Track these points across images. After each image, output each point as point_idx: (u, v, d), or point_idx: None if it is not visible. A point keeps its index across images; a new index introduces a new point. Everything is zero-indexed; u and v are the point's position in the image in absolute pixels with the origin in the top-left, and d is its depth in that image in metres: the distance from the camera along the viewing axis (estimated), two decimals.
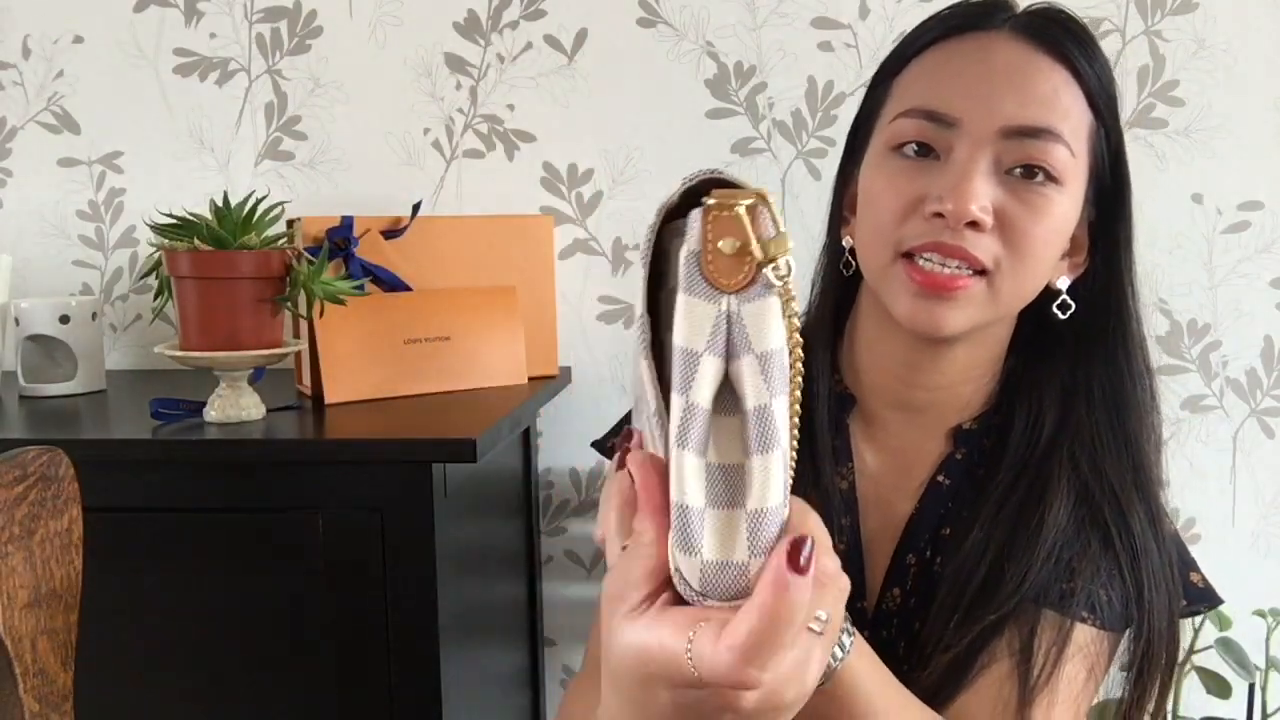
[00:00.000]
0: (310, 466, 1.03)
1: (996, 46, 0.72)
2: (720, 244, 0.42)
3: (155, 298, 1.12)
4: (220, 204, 1.07)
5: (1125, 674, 0.77)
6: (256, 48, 1.51)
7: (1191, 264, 1.45)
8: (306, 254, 1.13)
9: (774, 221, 0.42)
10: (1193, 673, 1.27)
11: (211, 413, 1.10)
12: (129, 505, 1.03)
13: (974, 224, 0.70)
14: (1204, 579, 0.83)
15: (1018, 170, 0.71)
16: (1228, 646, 1.25)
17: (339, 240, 1.22)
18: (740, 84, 1.46)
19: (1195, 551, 1.46)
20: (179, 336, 1.09)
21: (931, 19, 0.77)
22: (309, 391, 1.25)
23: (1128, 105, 1.43)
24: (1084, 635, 0.74)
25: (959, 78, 0.72)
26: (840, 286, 0.86)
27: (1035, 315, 0.80)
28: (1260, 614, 1.30)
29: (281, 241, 1.11)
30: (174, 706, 1.05)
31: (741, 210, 0.42)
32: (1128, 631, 0.76)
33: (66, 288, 1.56)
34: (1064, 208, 0.73)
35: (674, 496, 0.42)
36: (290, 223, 1.26)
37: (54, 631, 0.74)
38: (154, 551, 1.04)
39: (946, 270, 0.72)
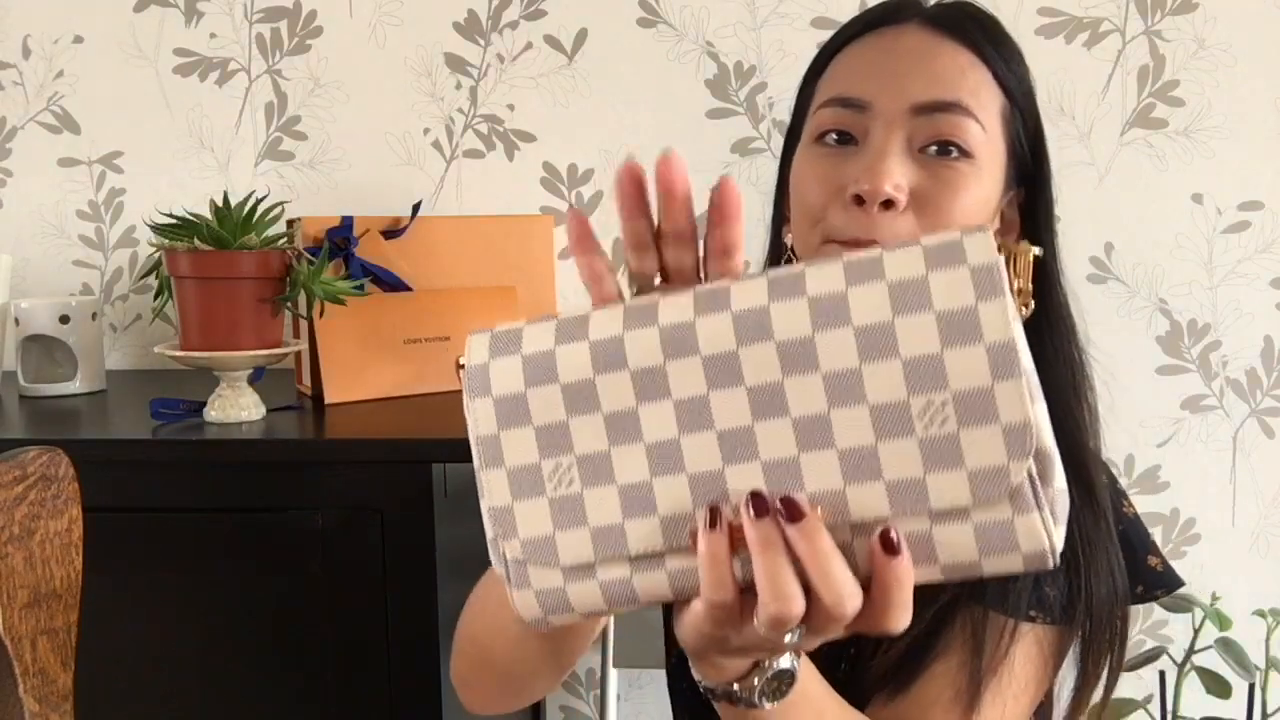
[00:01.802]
0: (310, 466, 1.03)
1: (905, 35, 0.76)
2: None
3: (155, 298, 1.12)
4: (220, 204, 1.07)
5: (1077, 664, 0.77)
6: (256, 48, 1.51)
7: (1191, 264, 1.45)
8: (306, 254, 1.13)
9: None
10: (1193, 673, 1.27)
11: (211, 413, 1.10)
12: (129, 505, 1.03)
13: (890, 203, 0.72)
14: (1163, 563, 0.83)
15: (932, 148, 0.73)
16: (1228, 646, 1.25)
17: (339, 240, 1.22)
18: (740, 84, 1.46)
19: (1195, 551, 1.48)
20: (179, 336, 1.09)
21: (847, 23, 0.81)
22: (309, 391, 1.25)
23: (1128, 105, 1.43)
24: (1033, 631, 0.75)
25: (870, 65, 0.76)
26: None
27: None
28: (1260, 614, 1.30)
29: (281, 241, 1.11)
30: (174, 706, 1.05)
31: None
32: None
33: (66, 288, 1.56)
34: (980, 183, 0.75)
35: None
36: (290, 223, 1.26)
37: (54, 631, 0.74)
38: (154, 551, 1.04)
39: None
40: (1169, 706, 1.30)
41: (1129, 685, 1.42)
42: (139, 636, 1.04)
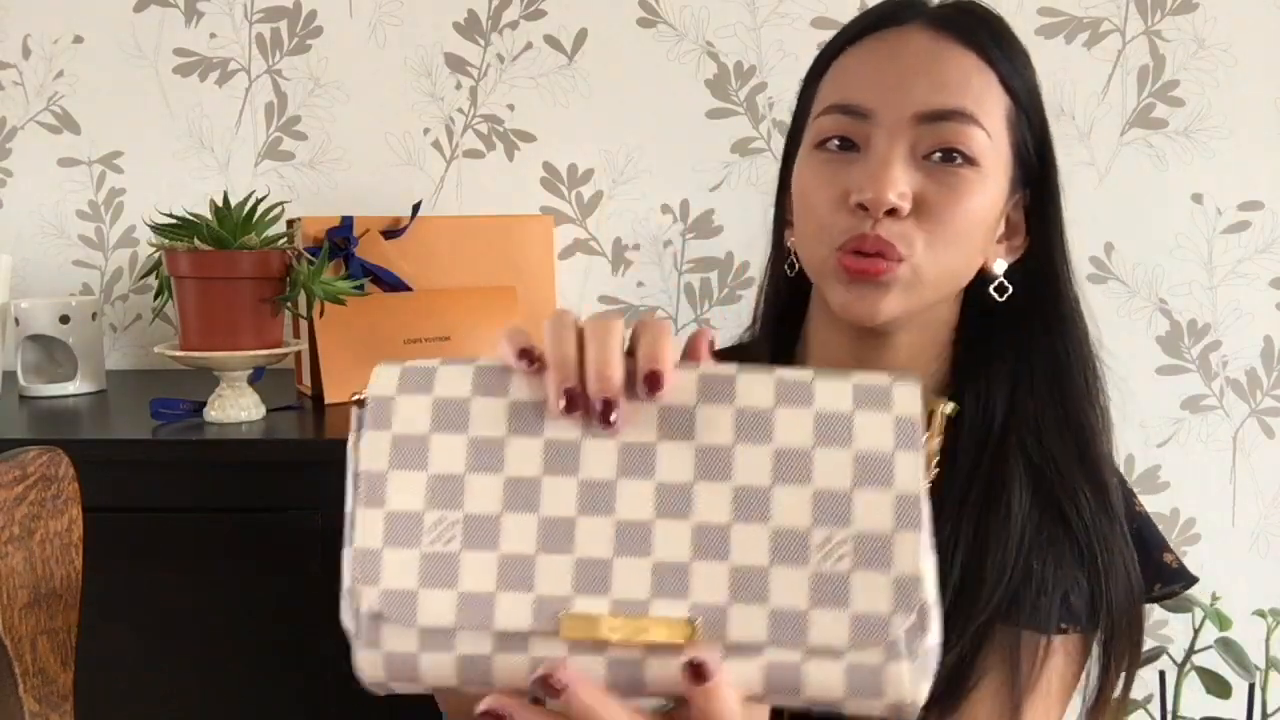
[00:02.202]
0: (310, 466, 1.03)
1: (908, 39, 0.75)
2: None
3: (155, 298, 1.12)
4: (220, 204, 1.07)
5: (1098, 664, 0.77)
6: (256, 48, 1.51)
7: (1191, 264, 1.45)
8: (306, 254, 1.13)
9: None
10: (1193, 673, 1.27)
11: (211, 413, 1.10)
12: (129, 505, 1.03)
13: (893, 211, 0.72)
14: (1177, 559, 0.83)
15: (935, 155, 0.73)
16: (1228, 646, 1.25)
17: (339, 240, 1.22)
18: (740, 84, 1.46)
19: (1195, 551, 1.48)
20: (179, 336, 1.09)
21: (849, 23, 0.79)
22: (309, 391, 1.25)
23: (1128, 105, 1.43)
24: (1063, 643, 0.75)
25: (873, 71, 0.75)
26: (789, 289, 0.86)
27: (979, 299, 0.80)
28: (1260, 614, 1.30)
29: (281, 241, 1.11)
30: (174, 706, 1.05)
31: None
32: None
33: (66, 288, 1.56)
34: (984, 189, 0.74)
35: None
36: (290, 223, 1.26)
37: (54, 631, 0.74)
38: (154, 551, 1.04)
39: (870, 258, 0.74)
40: (1169, 706, 1.30)
41: None
42: (139, 636, 1.04)
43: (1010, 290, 0.79)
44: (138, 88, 1.53)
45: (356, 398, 0.53)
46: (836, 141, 0.75)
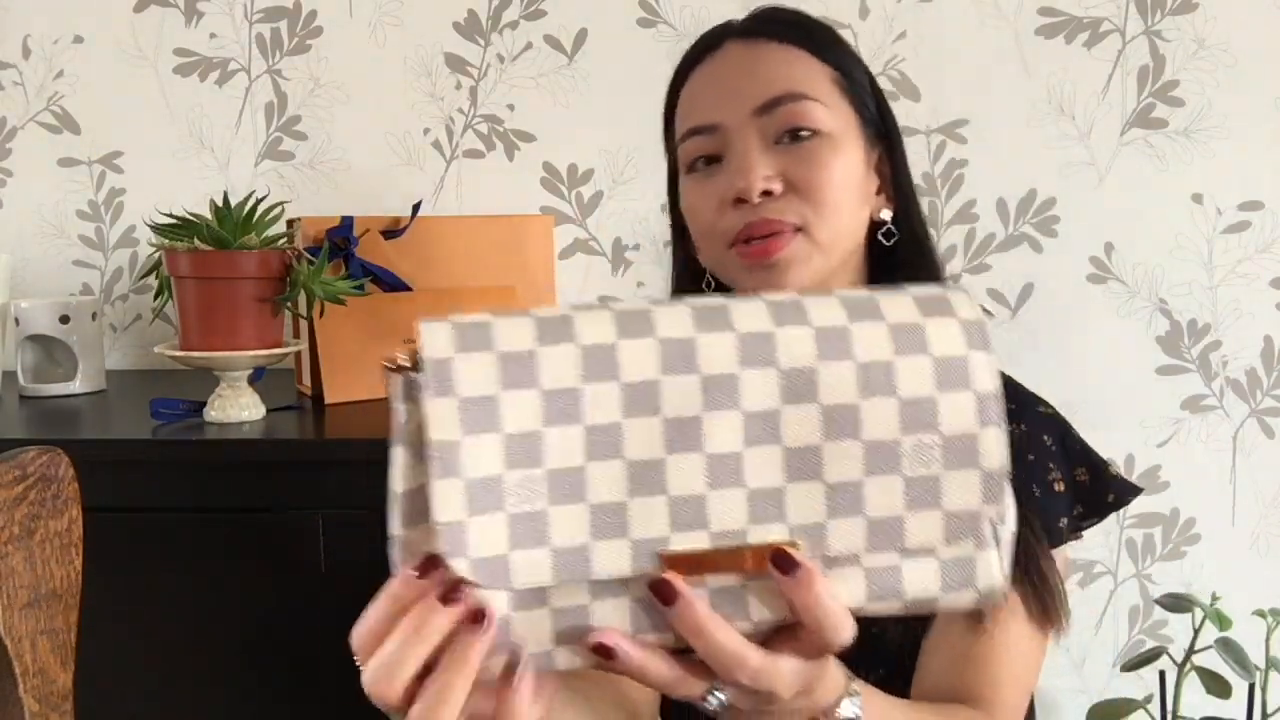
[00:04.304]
0: (310, 466, 1.03)
1: (726, 56, 0.84)
2: None
3: (155, 298, 1.12)
4: (220, 204, 1.07)
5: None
6: (256, 48, 1.51)
7: (1191, 264, 1.45)
8: (306, 254, 1.13)
9: None
10: (1193, 673, 1.27)
11: (211, 413, 1.10)
12: (129, 505, 1.03)
13: (767, 192, 0.79)
14: (1117, 469, 0.88)
15: (785, 137, 0.80)
16: (1228, 646, 1.25)
17: (339, 240, 1.22)
18: None
19: (1195, 551, 1.48)
20: (179, 336, 1.09)
21: (677, 67, 0.89)
22: (309, 391, 1.25)
23: (1128, 105, 1.43)
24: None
25: (707, 91, 0.84)
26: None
27: (879, 253, 0.88)
28: (1260, 614, 1.30)
29: (281, 241, 1.11)
30: (174, 706, 1.05)
31: None
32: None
33: (66, 288, 1.56)
34: (842, 152, 0.81)
35: None
36: (290, 223, 1.25)
37: (54, 631, 0.74)
38: (154, 551, 1.04)
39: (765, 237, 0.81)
40: (1169, 706, 1.30)
41: (1129, 685, 1.42)
42: (139, 636, 1.04)
43: (897, 236, 0.86)
44: (138, 88, 1.53)
45: (397, 363, 0.49)
46: (701, 160, 0.83)
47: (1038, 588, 0.77)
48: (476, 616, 0.47)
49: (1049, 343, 1.46)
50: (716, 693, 0.51)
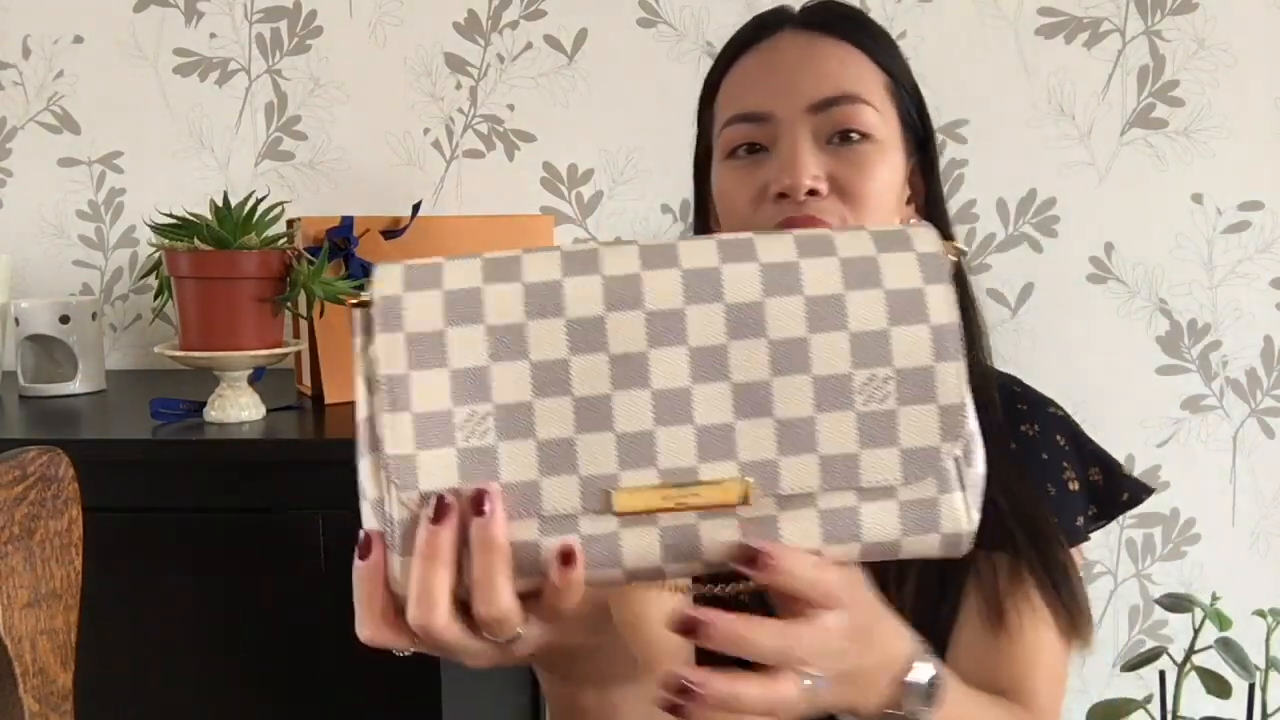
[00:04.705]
0: (310, 466, 1.03)
1: (783, 43, 0.83)
2: None
3: (155, 298, 1.12)
4: (220, 204, 1.07)
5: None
6: (256, 48, 1.51)
7: (1191, 264, 1.45)
8: (306, 254, 1.13)
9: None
10: (1193, 673, 1.27)
11: (211, 413, 1.10)
12: (129, 505, 1.03)
13: (813, 192, 0.78)
14: (1129, 470, 0.90)
15: (835, 138, 0.79)
16: (1228, 646, 1.24)
17: (339, 240, 1.22)
18: None
19: (1195, 551, 1.47)
20: (179, 336, 1.09)
21: (727, 45, 0.87)
22: (309, 391, 1.25)
23: (1128, 105, 1.43)
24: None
25: (761, 79, 0.82)
26: None
27: None
28: (1260, 614, 1.30)
29: (281, 241, 1.11)
30: (174, 706, 1.05)
31: None
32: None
33: (66, 288, 1.56)
34: (886, 159, 0.81)
35: None
36: (290, 223, 1.25)
37: (54, 631, 0.74)
38: (154, 551, 1.04)
39: None
40: (1169, 706, 1.30)
41: (1129, 685, 1.42)
42: (139, 636, 1.04)
43: None
44: (138, 88, 1.53)
45: (358, 300, 0.51)
46: (745, 148, 0.82)
47: (1067, 605, 0.78)
48: (477, 505, 0.48)
49: (1049, 343, 1.46)
50: (809, 678, 0.51)
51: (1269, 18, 1.41)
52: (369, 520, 0.50)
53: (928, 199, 0.86)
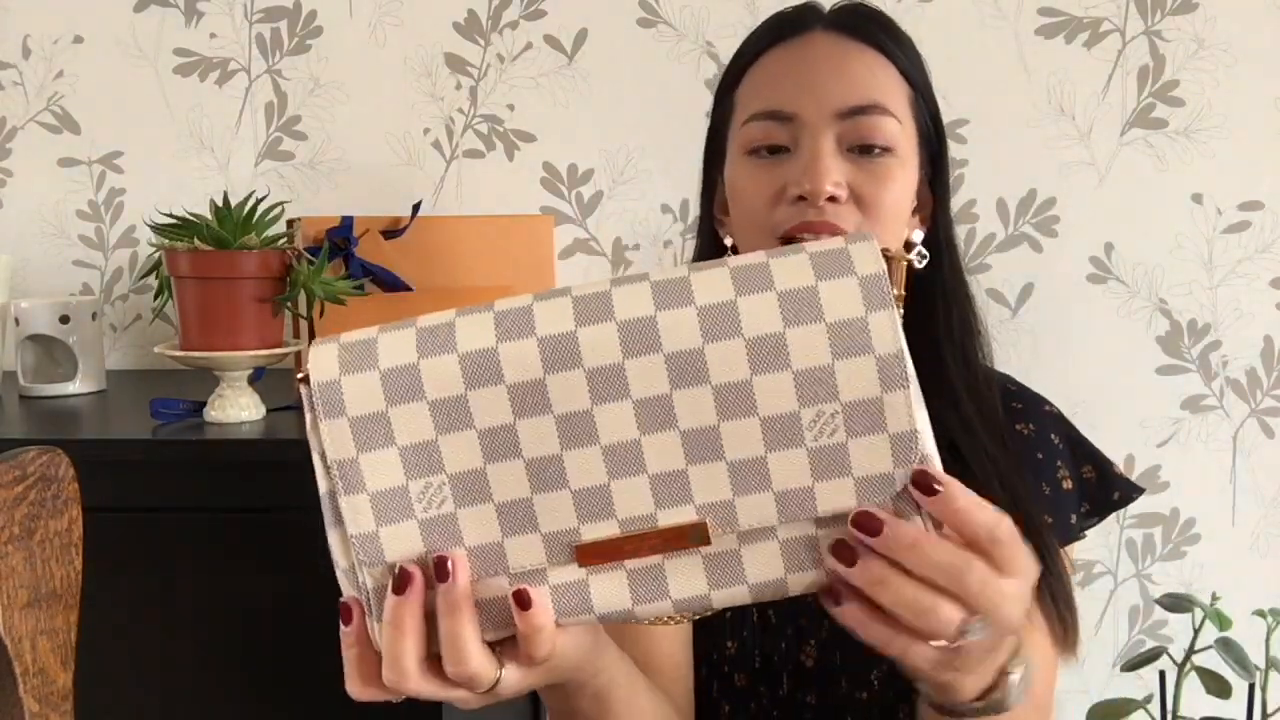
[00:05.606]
0: (310, 466, 1.03)
1: (814, 44, 0.82)
2: None
3: (155, 298, 1.12)
4: (220, 204, 1.07)
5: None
6: (256, 48, 1.51)
7: (1191, 264, 1.45)
8: (306, 254, 1.13)
9: None
10: (1193, 673, 1.27)
11: (211, 413, 1.10)
12: (129, 505, 1.03)
13: (832, 198, 0.78)
14: (1119, 468, 0.90)
15: (857, 148, 0.79)
16: (1228, 646, 1.25)
17: (339, 240, 1.22)
18: None
19: (1195, 551, 1.47)
20: (179, 336, 1.09)
21: (754, 34, 0.86)
22: None
23: (1128, 105, 1.43)
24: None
25: (788, 77, 0.81)
26: None
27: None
28: (1260, 614, 1.30)
29: (281, 241, 1.11)
30: (174, 706, 1.05)
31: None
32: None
33: (66, 288, 1.56)
34: (904, 172, 0.81)
35: None
36: (290, 223, 1.26)
37: (54, 631, 0.74)
38: (154, 551, 1.04)
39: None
40: (1169, 706, 1.30)
41: (1129, 685, 1.42)
42: (139, 636, 1.04)
43: (928, 258, 0.86)
44: (138, 88, 1.53)
45: (301, 375, 0.52)
46: (766, 147, 0.81)
47: (1060, 610, 0.78)
48: (441, 571, 0.49)
49: (1049, 343, 1.46)
50: (972, 629, 0.50)
51: (1269, 18, 1.41)
52: (346, 588, 0.52)
53: (935, 210, 0.86)
